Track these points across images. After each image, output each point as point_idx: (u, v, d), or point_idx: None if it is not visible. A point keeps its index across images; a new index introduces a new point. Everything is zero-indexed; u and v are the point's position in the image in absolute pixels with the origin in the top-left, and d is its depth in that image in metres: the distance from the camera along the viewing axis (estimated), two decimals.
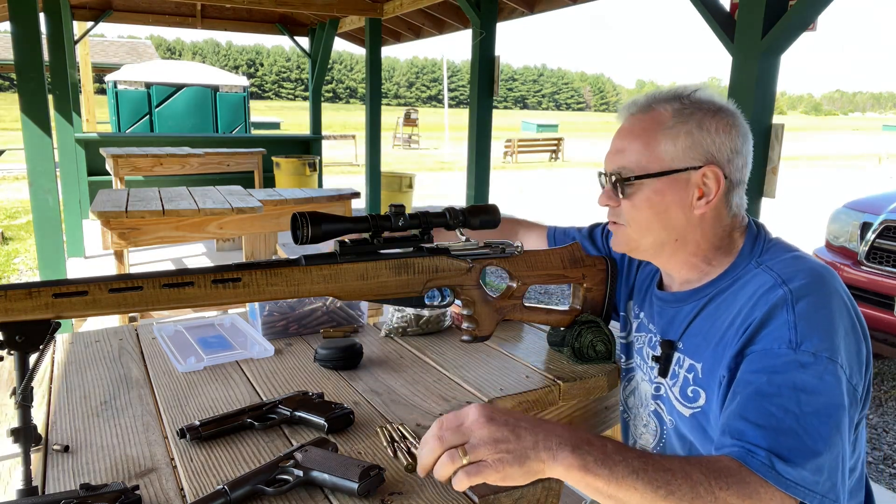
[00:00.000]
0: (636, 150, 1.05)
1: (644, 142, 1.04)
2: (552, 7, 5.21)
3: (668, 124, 1.03)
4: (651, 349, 1.16)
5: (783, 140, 2.53)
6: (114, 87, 12.96)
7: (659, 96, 1.07)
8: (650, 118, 1.05)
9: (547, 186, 14.01)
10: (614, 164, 1.07)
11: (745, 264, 1.04)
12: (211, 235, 3.58)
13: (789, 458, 0.80)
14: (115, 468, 0.95)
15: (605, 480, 0.75)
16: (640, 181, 1.04)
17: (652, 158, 1.03)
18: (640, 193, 1.05)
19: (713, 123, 1.03)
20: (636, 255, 1.16)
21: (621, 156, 1.06)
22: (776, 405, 0.84)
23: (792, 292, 0.92)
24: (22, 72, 3.81)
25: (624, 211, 1.08)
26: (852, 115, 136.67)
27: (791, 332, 0.88)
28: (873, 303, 3.62)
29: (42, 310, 0.86)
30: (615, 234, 1.13)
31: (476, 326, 1.24)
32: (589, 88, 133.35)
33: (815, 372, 0.85)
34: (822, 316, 0.89)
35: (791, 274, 0.95)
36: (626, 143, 1.07)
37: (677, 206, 1.04)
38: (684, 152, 1.02)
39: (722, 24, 2.63)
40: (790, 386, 0.85)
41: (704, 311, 1.06)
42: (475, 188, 5.00)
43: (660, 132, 1.03)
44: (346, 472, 0.87)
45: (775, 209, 6.82)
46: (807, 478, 0.80)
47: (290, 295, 1.02)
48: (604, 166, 1.12)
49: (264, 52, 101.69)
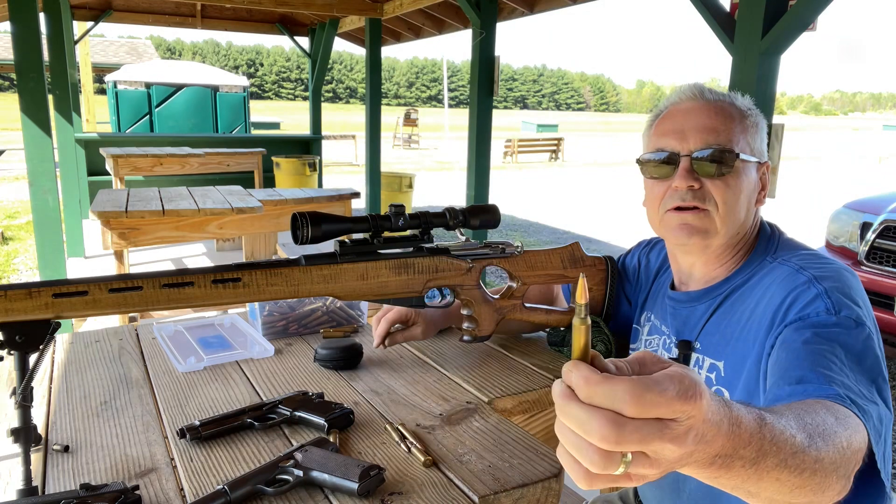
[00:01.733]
0: (731, 131, 1.01)
1: (735, 125, 1.02)
2: (552, 7, 5.21)
3: (743, 116, 1.04)
4: (666, 351, 1.15)
5: (783, 140, 2.53)
6: (114, 87, 12.95)
7: (718, 91, 1.07)
8: (729, 106, 1.04)
9: (547, 186, 14.01)
10: (705, 141, 1.01)
11: (759, 261, 1.04)
12: (211, 235, 3.58)
13: (857, 401, 0.75)
14: (115, 468, 0.95)
15: (742, 478, 0.56)
16: (741, 162, 1.01)
17: (743, 143, 1.02)
18: (736, 175, 1.01)
19: (763, 125, 1.07)
20: (698, 246, 1.05)
21: (714, 134, 1.01)
22: (829, 358, 0.82)
23: (815, 275, 0.93)
24: (22, 72, 3.81)
25: (714, 193, 1.01)
26: (852, 115, 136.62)
27: (825, 301, 0.89)
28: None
29: (42, 310, 0.86)
30: (692, 220, 1.02)
31: (476, 326, 1.24)
32: (589, 88, 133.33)
33: (859, 336, 0.85)
34: (850, 294, 0.90)
35: (809, 265, 0.96)
36: (716, 122, 1.02)
37: (753, 194, 1.05)
38: (759, 145, 1.05)
39: (722, 24, 2.63)
40: (840, 343, 0.84)
41: (720, 309, 1.05)
42: (475, 188, 5.00)
43: (744, 120, 1.04)
44: (346, 472, 0.87)
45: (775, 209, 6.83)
46: (872, 410, 0.75)
47: (290, 295, 1.02)
48: (673, 145, 1.03)
49: (264, 52, 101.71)
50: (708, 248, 1.06)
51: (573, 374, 0.45)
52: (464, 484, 0.90)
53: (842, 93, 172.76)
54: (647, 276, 1.31)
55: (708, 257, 1.09)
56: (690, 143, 1.02)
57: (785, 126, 2.54)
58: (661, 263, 1.29)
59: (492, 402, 1.18)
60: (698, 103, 1.04)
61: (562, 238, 8.15)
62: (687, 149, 1.02)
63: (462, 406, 1.16)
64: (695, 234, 1.03)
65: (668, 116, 1.07)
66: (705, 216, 1.02)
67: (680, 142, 1.02)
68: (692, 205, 1.02)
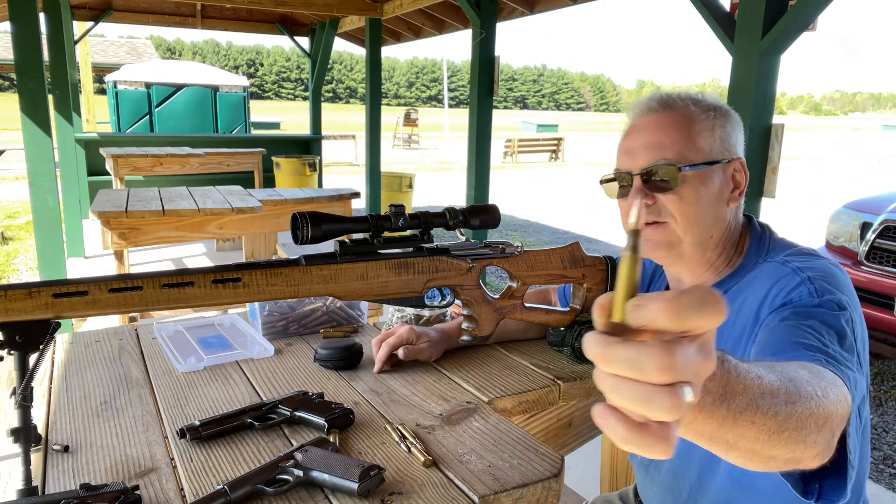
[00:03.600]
0: (677, 142, 1.02)
1: (684, 134, 1.02)
2: (552, 7, 5.21)
3: (699, 118, 1.03)
4: None
5: (783, 140, 2.53)
6: (114, 87, 12.95)
7: (674, 96, 1.06)
8: (680, 113, 1.04)
9: (547, 186, 14.01)
10: (651, 158, 1.03)
11: (752, 263, 1.05)
12: (211, 235, 3.58)
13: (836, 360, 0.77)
14: (115, 468, 0.95)
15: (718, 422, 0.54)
16: (689, 171, 1.01)
17: (694, 150, 1.02)
18: (688, 185, 1.01)
19: (731, 119, 1.06)
20: (668, 259, 1.09)
21: (660, 149, 1.02)
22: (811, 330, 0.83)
23: (799, 266, 0.94)
24: (22, 72, 3.81)
25: (668, 206, 1.03)
26: (852, 115, 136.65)
27: (808, 286, 0.91)
28: (873, 303, 3.62)
29: (42, 310, 0.86)
30: (652, 236, 1.06)
31: (476, 326, 1.24)
32: (589, 88, 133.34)
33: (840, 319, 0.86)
34: (838, 289, 0.91)
35: (796, 259, 0.97)
36: (661, 136, 1.03)
37: (719, 197, 1.04)
38: (721, 144, 1.04)
39: (722, 24, 2.63)
40: (821, 320, 0.85)
41: None
42: (475, 188, 5.00)
43: (696, 125, 1.03)
44: (346, 472, 0.87)
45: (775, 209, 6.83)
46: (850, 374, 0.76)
47: (290, 295, 1.02)
48: (625, 166, 1.06)
49: (264, 52, 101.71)
50: (681, 256, 1.07)
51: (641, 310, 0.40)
52: (464, 484, 0.90)
53: (842, 93, 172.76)
54: (643, 280, 1.31)
55: (690, 265, 1.10)
56: (639, 160, 1.04)
57: (785, 126, 2.55)
58: (655, 267, 1.29)
59: (492, 402, 1.18)
60: (649, 118, 1.06)
61: (562, 238, 8.16)
62: (637, 167, 1.05)
63: (462, 406, 1.16)
64: (658, 247, 1.07)
65: (625, 136, 1.09)
66: (665, 229, 1.05)
67: (630, 160, 1.06)
68: (649, 220, 1.05)
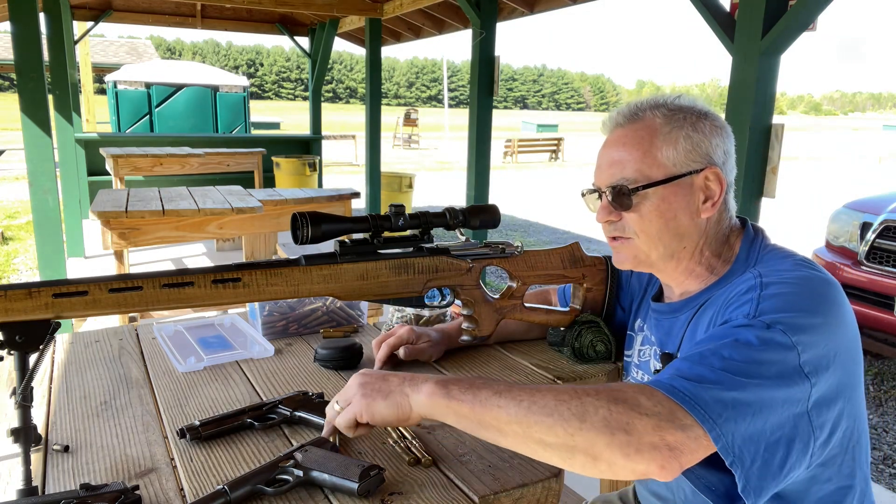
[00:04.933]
0: (636, 159, 1.00)
1: (643, 150, 1.00)
2: (552, 7, 5.22)
3: (663, 130, 1.00)
4: (657, 362, 1.15)
5: (783, 140, 2.53)
6: (114, 87, 12.96)
7: (642, 104, 1.04)
8: (643, 126, 1.02)
9: (547, 186, 14.01)
10: (612, 177, 1.03)
11: (740, 272, 1.01)
12: (211, 235, 3.58)
13: (689, 376, 0.78)
14: (115, 468, 0.95)
15: (469, 405, 0.82)
16: (645, 191, 1.00)
17: (654, 165, 1.00)
18: (647, 203, 1.00)
19: (705, 125, 1.02)
20: (642, 269, 1.11)
21: (620, 167, 1.02)
22: (709, 353, 0.81)
23: (762, 279, 0.90)
24: (22, 72, 3.81)
25: (630, 223, 1.03)
26: (852, 115, 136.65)
27: (752, 306, 0.87)
28: (873, 303, 3.62)
29: (42, 310, 0.86)
30: (620, 250, 1.08)
31: (476, 326, 1.24)
32: (589, 88, 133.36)
33: (759, 334, 0.82)
34: (793, 302, 0.86)
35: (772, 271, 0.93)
36: (622, 153, 1.02)
37: (685, 211, 1.01)
38: (686, 156, 1.00)
39: (722, 24, 2.63)
40: (731, 339, 0.82)
41: (694, 319, 1.05)
42: (475, 188, 5.00)
43: (657, 138, 1.00)
44: (346, 472, 0.87)
45: (775, 209, 6.83)
46: (702, 397, 0.75)
47: (290, 295, 1.02)
48: (595, 181, 1.07)
49: (264, 52, 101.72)
50: (652, 267, 1.08)
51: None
52: (464, 484, 0.90)
53: (842, 93, 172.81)
54: (640, 283, 1.31)
55: (669, 274, 1.09)
56: (603, 177, 1.05)
57: (785, 126, 2.55)
58: (650, 274, 1.28)
59: None
60: (616, 133, 1.05)
61: (562, 238, 8.16)
62: (603, 184, 1.05)
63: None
64: (626, 262, 1.09)
65: (599, 150, 1.09)
66: (629, 244, 1.06)
67: (598, 177, 1.07)
68: (615, 235, 1.07)
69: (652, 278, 1.27)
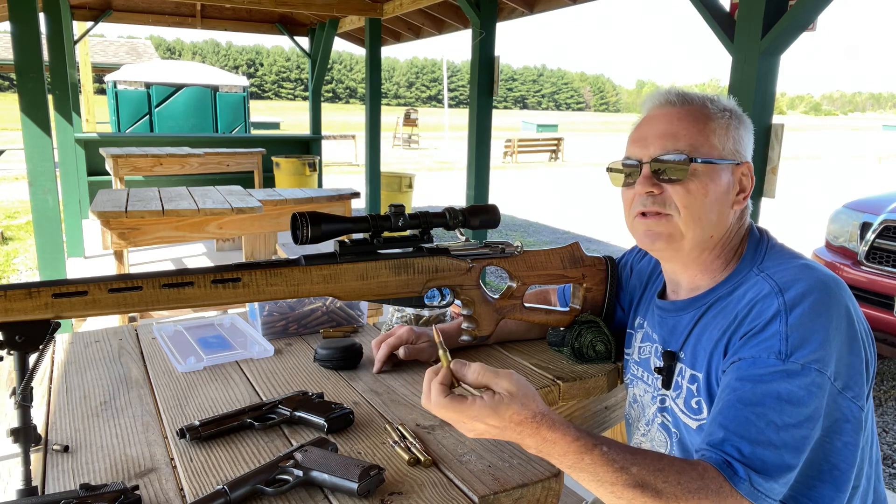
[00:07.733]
0: (692, 135, 1.01)
1: (699, 129, 1.02)
2: (552, 7, 5.21)
3: (717, 118, 1.03)
4: (657, 359, 1.15)
5: (783, 140, 2.53)
6: (114, 87, 12.95)
7: (690, 95, 1.06)
8: (697, 110, 1.03)
9: (547, 186, 14.01)
10: (663, 147, 1.02)
11: (746, 271, 1.02)
12: (211, 235, 3.58)
13: (764, 471, 0.82)
14: (114, 468, 0.95)
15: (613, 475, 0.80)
16: (699, 165, 1.00)
17: (707, 146, 1.01)
18: (697, 179, 1.00)
19: (746, 125, 1.06)
20: (667, 254, 1.09)
21: (673, 139, 1.01)
22: (757, 414, 0.85)
23: (787, 302, 0.91)
24: (22, 72, 3.81)
25: (674, 198, 1.02)
26: (852, 115, 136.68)
27: (782, 343, 0.88)
28: (873, 303, 3.62)
29: (42, 310, 0.86)
30: (654, 227, 1.04)
31: (476, 326, 1.24)
32: (589, 88, 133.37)
33: (801, 383, 0.85)
34: (817, 326, 0.88)
35: (790, 282, 0.93)
36: (677, 126, 1.02)
37: (725, 197, 1.03)
38: (733, 146, 1.03)
39: (722, 24, 2.63)
40: (774, 396, 0.85)
41: (702, 319, 1.05)
42: (475, 188, 5.00)
43: (711, 123, 1.03)
44: (345, 472, 0.87)
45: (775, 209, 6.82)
46: (776, 490, 0.83)
47: (290, 295, 1.02)
48: (635, 154, 1.06)
49: (264, 52, 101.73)
50: (679, 251, 1.06)
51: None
52: (464, 484, 0.90)
53: (842, 93, 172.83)
54: (640, 281, 1.31)
55: (686, 263, 1.09)
56: (651, 149, 1.03)
57: (785, 126, 2.55)
58: (652, 269, 1.28)
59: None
60: (665, 110, 1.05)
61: (562, 238, 8.16)
62: (648, 155, 1.04)
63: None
64: (658, 239, 1.05)
65: (639, 125, 1.09)
66: (668, 221, 1.03)
67: (642, 149, 1.05)
68: (654, 210, 1.04)
69: (652, 275, 1.27)
